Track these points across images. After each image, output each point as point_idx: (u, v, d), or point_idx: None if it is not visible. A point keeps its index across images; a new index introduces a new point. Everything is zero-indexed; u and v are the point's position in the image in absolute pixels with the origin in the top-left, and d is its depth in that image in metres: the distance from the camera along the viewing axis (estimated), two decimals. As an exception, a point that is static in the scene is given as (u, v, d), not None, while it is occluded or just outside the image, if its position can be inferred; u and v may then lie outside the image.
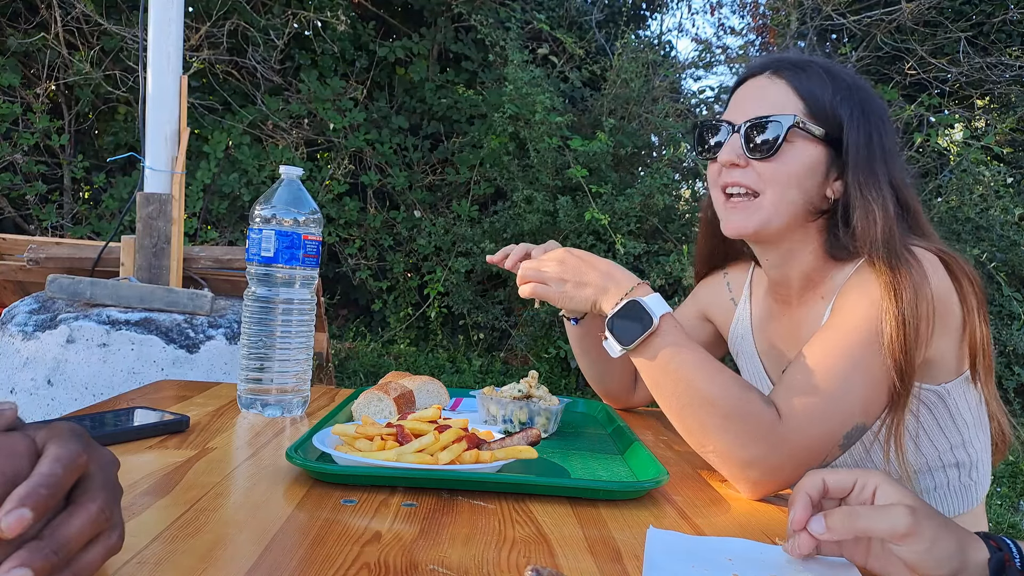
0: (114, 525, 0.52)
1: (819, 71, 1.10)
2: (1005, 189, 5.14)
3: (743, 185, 1.10)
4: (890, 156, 1.09)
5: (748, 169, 1.09)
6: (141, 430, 0.98)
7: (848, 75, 1.13)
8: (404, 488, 0.84)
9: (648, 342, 0.98)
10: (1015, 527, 3.47)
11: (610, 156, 5.22)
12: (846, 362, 0.96)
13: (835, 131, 1.08)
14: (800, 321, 1.18)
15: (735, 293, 1.36)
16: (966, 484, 1.14)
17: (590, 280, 1.05)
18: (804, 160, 1.07)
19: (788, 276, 1.18)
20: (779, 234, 1.12)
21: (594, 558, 0.68)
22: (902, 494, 0.68)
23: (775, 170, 1.07)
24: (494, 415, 1.16)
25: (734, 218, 1.12)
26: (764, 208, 1.09)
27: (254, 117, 5.74)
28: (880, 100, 1.13)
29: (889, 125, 1.12)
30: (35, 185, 5.39)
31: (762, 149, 1.07)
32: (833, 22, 5.86)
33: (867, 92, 1.11)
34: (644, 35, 7.47)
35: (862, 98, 1.10)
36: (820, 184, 1.09)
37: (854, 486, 0.70)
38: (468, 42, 6.64)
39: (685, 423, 0.99)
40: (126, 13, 5.42)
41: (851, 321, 0.99)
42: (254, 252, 1.15)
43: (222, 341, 2.32)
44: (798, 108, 1.07)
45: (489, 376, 5.43)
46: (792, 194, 1.08)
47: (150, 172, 2.46)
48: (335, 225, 5.89)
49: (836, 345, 0.98)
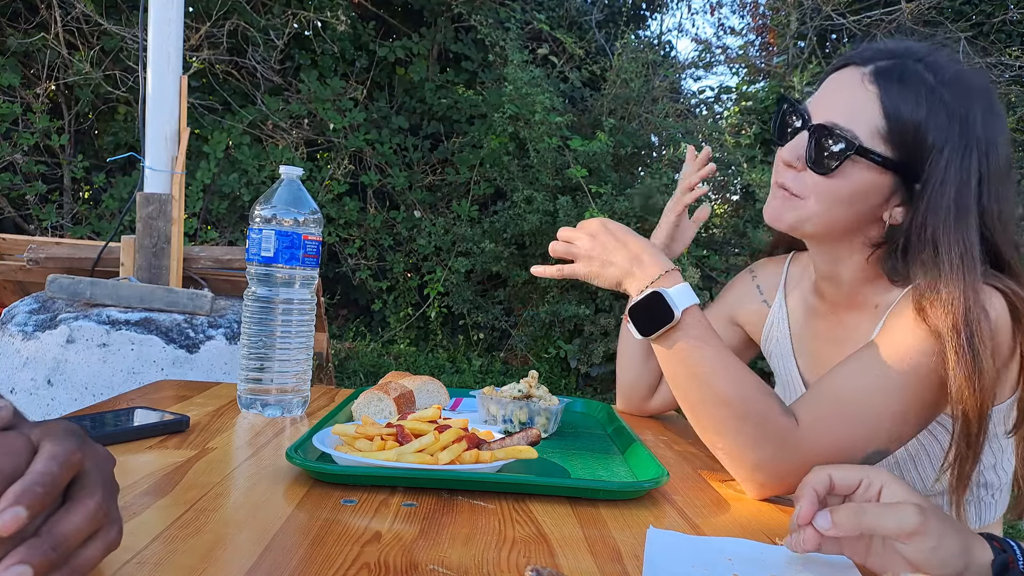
0: (112, 521, 0.52)
1: (920, 86, 0.96)
2: (1005, 189, 5.14)
3: (790, 190, 1.03)
4: (988, 196, 0.95)
5: (803, 174, 1.02)
6: (141, 430, 0.98)
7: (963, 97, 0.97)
8: (404, 488, 0.84)
9: (668, 335, 0.96)
10: (1015, 527, 3.47)
11: (610, 156, 5.22)
12: (884, 383, 0.92)
13: (914, 160, 0.96)
14: (848, 325, 1.13)
15: (767, 295, 1.31)
16: (988, 504, 1.11)
17: (617, 260, 1.01)
18: (861, 184, 0.99)
19: (839, 274, 1.11)
20: (819, 237, 1.07)
21: (594, 558, 0.68)
22: (909, 493, 0.68)
23: (826, 185, 1.00)
24: (494, 415, 1.16)
25: (773, 205, 1.06)
26: (803, 211, 1.03)
27: (254, 117, 5.74)
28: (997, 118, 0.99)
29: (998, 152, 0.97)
30: (35, 185, 5.39)
31: (819, 162, 0.99)
32: (833, 22, 5.87)
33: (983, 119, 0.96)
34: (644, 35, 7.47)
35: (969, 130, 0.95)
36: (877, 206, 1.01)
37: (860, 483, 0.70)
38: (468, 42, 6.64)
39: (698, 419, 0.97)
40: (126, 13, 5.42)
41: (900, 343, 0.93)
42: (254, 252, 1.15)
43: (222, 341, 2.32)
44: (876, 126, 0.97)
45: (489, 376, 5.43)
46: (837, 211, 1.01)
47: (150, 172, 2.45)
48: (335, 225, 5.89)
49: (879, 364, 0.93)
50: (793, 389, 1.24)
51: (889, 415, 0.93)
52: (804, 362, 1.23)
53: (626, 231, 1.03)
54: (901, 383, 0.92)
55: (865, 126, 0.97)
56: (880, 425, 0.93)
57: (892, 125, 0.96)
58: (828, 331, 1.17)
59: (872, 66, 0.99)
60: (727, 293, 1.40)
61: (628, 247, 1.01)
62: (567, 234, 1.07)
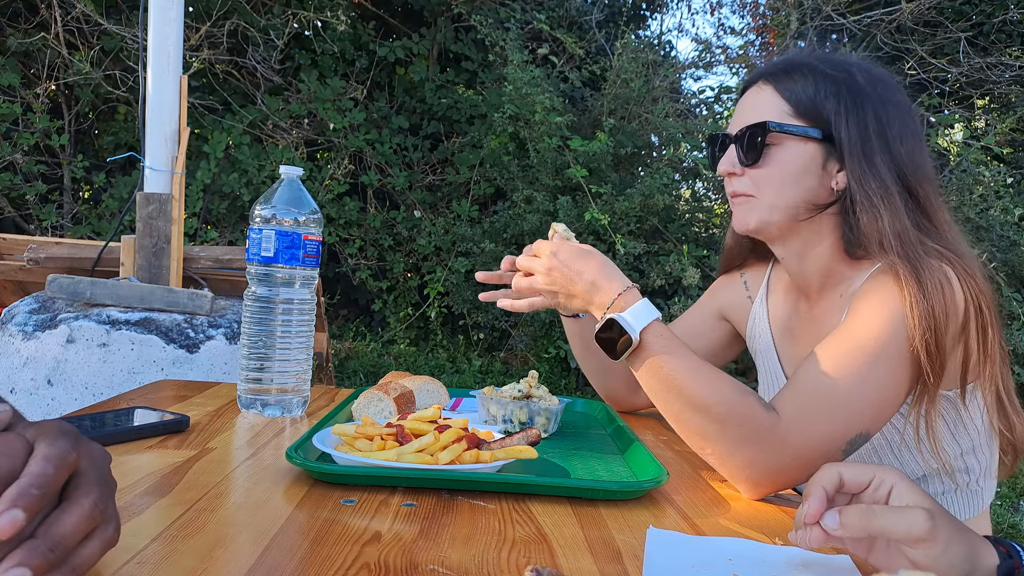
0: (109, 519, 0.52)
1: (805, 70, 1.11)
2: (1005, 189, 5.14)
3: (739, 192, 1.14)
4: (894, 143, 1.07)
5: (744, 176, 1.13)
6: (141, 430, 0.98)
7: (841, 66, 1.12)
8: (404, 488, 0.84)
9: (636, 355, 0.99)
10: (1015, 527, 3.47)
11: (610, 156, 5.22)
12: (857, 367, 0.95)
13: (825, 126, 1.08)
14: (819, 318, 1.18)
15: (752, 291, 1.36)
16: (974, 490, 1.14)
17: (577, 291, 1.05)
18: (792, 159, 1.10)
19: (805, 271, 1.18)
20: (785, 229, 1.14)
21: (594, 558, 0.68)
22: (919, 496, 0.68)
23: (765, 174, 1.11)
24: (494, 415, 1.16)
25: (737, 215, 1.16)
26: (761, 206, 1.13)
27: (254, 117, 5.74)
28: (889, 86, 1.11)
29: (897, 111, 1.09)
30: (35, 185, 5.39)
31: (749, 157, 1.11)
32: (833, 22, 5.86)
33: (865, 80, 1.09)
34: (644, 35, 7.46)
35: (855, 88, 1.09)
36: (820, 178, 1.10)
37: (870, 483, 0.70)
38: (468, 42, 6.64)
39: (682, 428, 0.99)
40: (126, 13, 5.42)
41: (867, 326, 0.98)
42: (254, 252, 1.15)
43: (222, 341, 2.32)
44: (782, 111, 1.10)
45: (489, 376, 5.43)
46: (787, 192, 1.10)
47: (150, 172, 2.45)
48: (335, 225, 5.89)
49: (849, 349, 0.97)
50: (777, 386, 1.26)
51: (867, 399, 0.95)
52: (787, 360, 1.27)
53: (577, 257, 1.06)
54: (873, 365, 0.95)
55: (770, 113, 1.10)
56: (860, 409, 0.95)
57: (793, 104, 1.09)
58: (806, 329, 1.22)
59: (761, 78, 1.15)
60: (716, 288, 1.45)
61: (583, 276, 1.05)
62: (524, 264, 1.11)
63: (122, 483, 0.77)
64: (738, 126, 1.14)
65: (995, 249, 4.82)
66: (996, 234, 4.86)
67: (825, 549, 0.75)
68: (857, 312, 1.01)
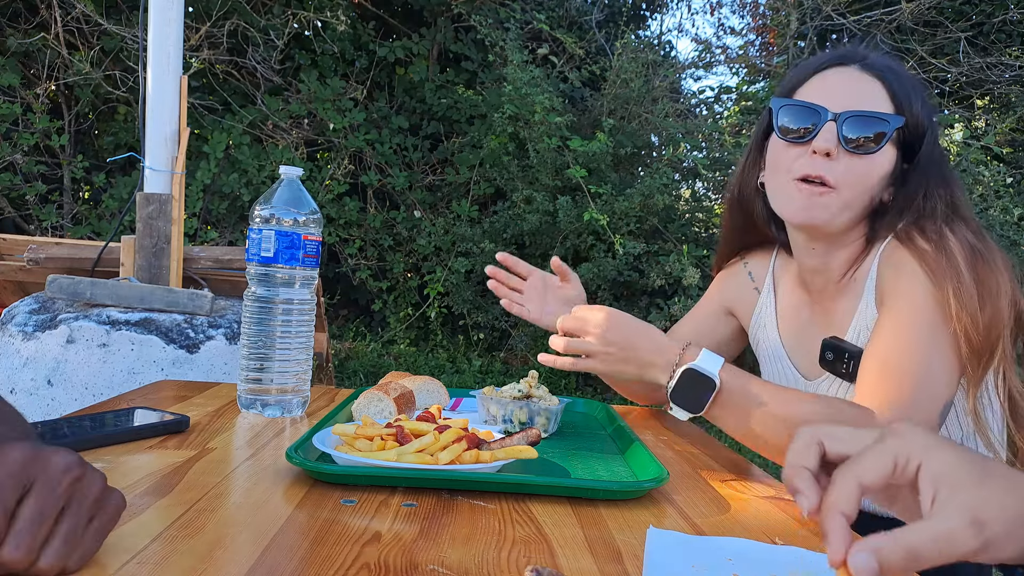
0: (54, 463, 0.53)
1: (909, 76, 1.09)
2: (1005, 189, 5.14)
3: (825, 179, 1.06)
4: (946, 165, 1.10)
5: (836, 162, 1.05)
6: (141, 430, 0.98)
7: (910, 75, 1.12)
8: (404, 488, 0.84)
9: (717, 400, 0.98)
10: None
11: (610, 156, 5.22)
12: (922, 345, 0.97)
13: (914, 139, 1.07)
14: (830, 310, 1.18)
15: (758, 281, 1.34)
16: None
17: (637, 356, 1.01)
18: (885, 165, 1.07)
19: (830, 265, 1.16)
20: (841, 231, 1.12)
21: (594, 558, 0.68)
22: (954, 466, 0.52)
23: (863, 170, 1.06)
24: (494, 415, 1.16)
25: (807, 204, 1.07)
26: (836, 203, 1.07)
27: (254, 117, 5.74)
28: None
29: (938, 125, 1.12)
30: (35, 185, 5.39)
31: (861, 145, 1.05)
32: (833, 22, 5.86)
33: (922, 91, 1.11)
34: (644, 35, 7.46)
35: (927, 101, 1.09)
36: (884, 189, 1.10)
37: (895, 469, 0.54)
38: (468, 42, 6.64)
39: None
40: (126, 13, 5.41)
41: (913, 303, 0.99)
42: (254, 252, 1.15)
43: (222, 341, 2.32)
44: (893, 110, 1.06)
45: (489, 376, 5.43)
46: (866, 196, 1.08)
47: (150, 172, 2.45)
48: (335, 225, 5.89)
49: (906, 331, 0.98)
50: (784, 375, 1.26)
51: (940, 364, 0.97)
52: (794, 350, 1.25)
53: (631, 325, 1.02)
54: (932, 334, 0.97)
55: (885, 109, 1.06)
56: (940, 379, 0.97)
57: (904, 109, 1.06)
58: (814, 320, 1.21)
59: (858, 62, 1.08)
60: (720, 282, 1.42)
61: (640, 344, 1.01)
62: (572, 326, 1.04)
63: (122, 483, 0.77)
64: (842, 103, 1.05)
65: (995, 249, 4.81)
66: (996, 234, 4.86)
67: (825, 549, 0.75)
68: (897, 291, 1.02)
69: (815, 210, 1.07)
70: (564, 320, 1.05)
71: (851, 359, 1.09)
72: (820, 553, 0.73)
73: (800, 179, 1.07)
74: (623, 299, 5.41)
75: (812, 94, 1.09)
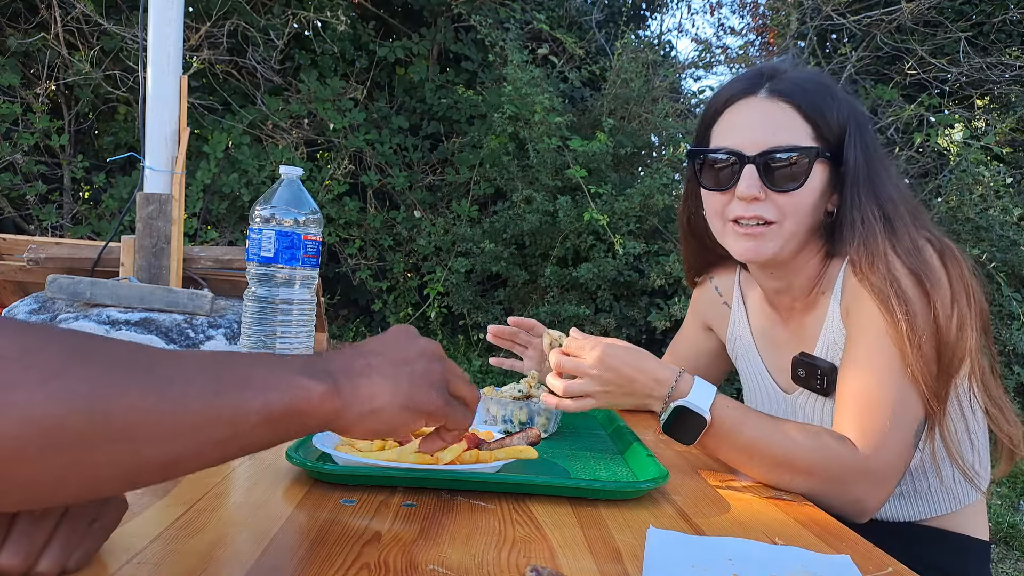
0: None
1: (818, 86, 1.08)
2: (1005, 189, 5.14)
3: (761, 218, 1.07)
4: (884, 160, 1.11)
5: (767, 202, 1.06)
6: (141, 430, 0.98)
7: (834, 82, 1.13)
8: (404, 488, 0.84)
9: (708, 433, 0.98)
10: (1015, 527, 3.47)
11: (610, 156, 5.21)
12: (892, 370, 0.99)
13: (837, 147, 1.08)
14: (804, 324, 1.19)
15: (726, 296, 1.36)
16: (970, 476, 1.15)
17: (635, 389, 1.00)
18: (819, 186, 1.07)
19: (792, 286, 1.18)
20: (791, 256, 1.13)
21: (594, 558, 0.68)
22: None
23: (795, 201, 1.06)
24: (494, 415, 1.16)
25: (748, 245, 1.09)
26: (781, 236, 1.08)
27: (254, 117, 5.74)
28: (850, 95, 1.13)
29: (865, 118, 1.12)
30: (35, 185, 5.39)
31: (783, 183, 1.05)
32: (833, 22, 5.86)
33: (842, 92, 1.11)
34: (644, 35, 7.46)
35: (853, 107, 1.10)
36: (825, 202, 1.11)
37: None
38: (468, 42, 6.64)
39: (776, 484, 1.00)
40: (126, 13, 5.41)
41: (877, 336, 1.01)
42: (254, 252, 1.15)
43: (222, 341, 2.32)
44: (808, 133, 1.06)
45: (489, 376, 5.43)
46: (807, 221, 1.08)
47: (150, 172, 2.45)
48: (335, 225, 5.89)
49: (876, 357, 1.00)
50: (764, 388, 1.27)
51: (910, 390, 0.99)
52: (771, 363, 1.27)
53: (626, 358, 1.00)
54: (899, 363, 0.99)
55: (797, 136, 1.05)
56: (914, 402, 0.99)
57: (819, 125, 1.06)
58: (786, 336, 1.23)
59: (765, 88, 1.07)
60: (695, 300, 1.45)
61: (639, 372, 0.99)
62: (570, 366, 1.02)
63: (122, 483, 0.77)
64: (755, 144, 1.05)
65: (995, 249, 4.82)
66: (996, 234, 4.86)
67: (825, 549, 0.75)
68: (860, 319, 1.04)
69: (761, 247, 1.08)
70: (559, 361, 1.03)
71: (823, 375, 1.12)
72: (820, 553, 0.73)
73: (736, 220, 1.09)
74: (623, 299, 5.41)
75: (725, 135, 1.10)
